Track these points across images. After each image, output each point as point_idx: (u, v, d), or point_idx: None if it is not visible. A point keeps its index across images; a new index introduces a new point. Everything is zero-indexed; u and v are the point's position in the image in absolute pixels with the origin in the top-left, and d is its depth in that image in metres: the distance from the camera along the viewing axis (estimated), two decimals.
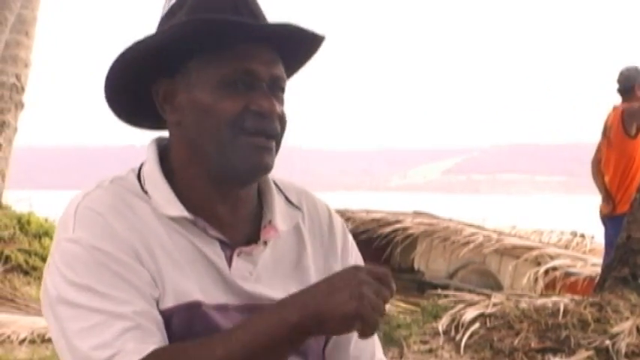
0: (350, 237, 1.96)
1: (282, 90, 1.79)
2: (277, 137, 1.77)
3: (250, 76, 1.74)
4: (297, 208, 1.87)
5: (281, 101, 1.78)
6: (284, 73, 1.79)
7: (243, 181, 1.77)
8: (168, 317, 1.69)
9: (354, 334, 1.78)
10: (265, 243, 1.80)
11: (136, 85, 1.80)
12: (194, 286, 1.72)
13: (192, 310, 1.70)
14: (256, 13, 1.78)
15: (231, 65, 1.74)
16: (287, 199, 1.87)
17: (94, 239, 1.68)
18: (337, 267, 1.87)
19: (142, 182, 1.78)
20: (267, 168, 1.76)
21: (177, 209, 1.74)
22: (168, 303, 1.69)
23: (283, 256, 1.83)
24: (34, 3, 15.07)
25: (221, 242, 1.76)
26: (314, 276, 1.84)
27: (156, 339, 1.64)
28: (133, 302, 1.65)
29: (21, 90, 15.01)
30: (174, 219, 1.74)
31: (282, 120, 1.77)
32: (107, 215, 1.70)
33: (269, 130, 1.74)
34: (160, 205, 1.74)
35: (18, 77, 14.94)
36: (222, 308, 1.73)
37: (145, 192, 1.76)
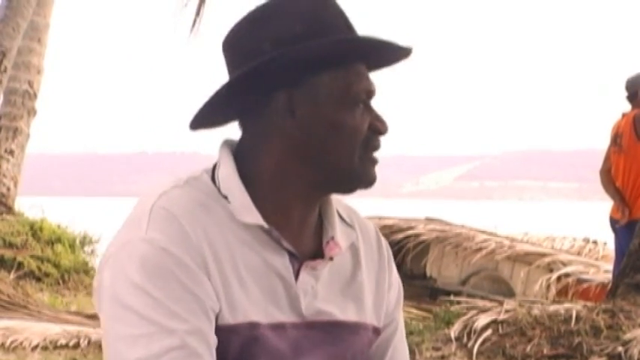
0: (391, 255, 1.98)
1: None
2: None
3: (371, 96, 1.80)
4: (351, 226, 1.88)
5: None
6: None
7: (351, 191, 1.81)
8: (227, 334, 1.68)
9: (391, 350, 1.90)
10: (331, 259, 1.80)
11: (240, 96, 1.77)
12: (255, 304, 1.71)
13: (250, 331, 1.70)
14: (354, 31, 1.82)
15: (359, 84, 1.77)
16: (340, 215, 1.87)
17: (167, 242, 1.66)
18: (385, 286, 1.90)
19: (218, 185, 1.75)
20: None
21: (255, 217, 1.73)
22: (228, 320, 1.68)
23: (339, 272, 1.83)
24: (46, 10, 15.14)
25: (290, 255, 1.76)
26: (367, 293, 1.86)
27: None
28: (189, 320, 1.63)
29: (33, 97, 15.09)
30: (247, 228, 1.73)
31: None
32: (182, 218, 1.68)
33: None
34: (237, 211, 1.73)
35: (30, 84, 15.02)
36: (279, 327, 1.72)
37: (225, 197, 1.74)
